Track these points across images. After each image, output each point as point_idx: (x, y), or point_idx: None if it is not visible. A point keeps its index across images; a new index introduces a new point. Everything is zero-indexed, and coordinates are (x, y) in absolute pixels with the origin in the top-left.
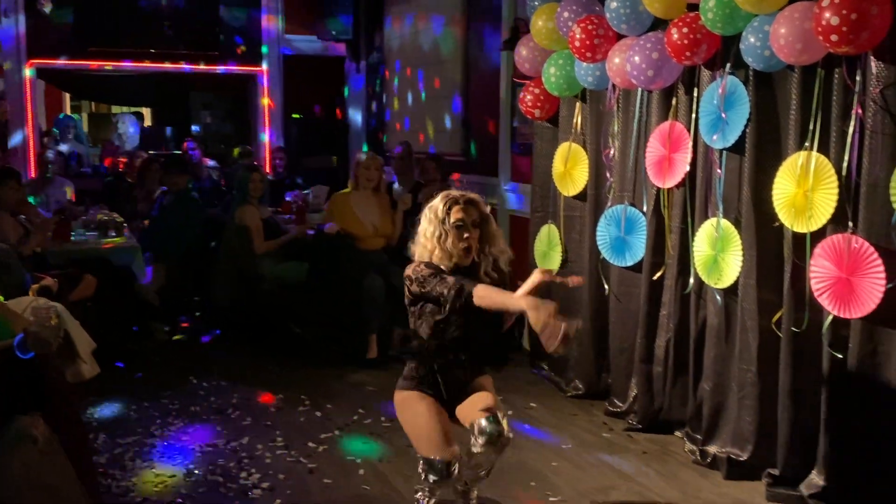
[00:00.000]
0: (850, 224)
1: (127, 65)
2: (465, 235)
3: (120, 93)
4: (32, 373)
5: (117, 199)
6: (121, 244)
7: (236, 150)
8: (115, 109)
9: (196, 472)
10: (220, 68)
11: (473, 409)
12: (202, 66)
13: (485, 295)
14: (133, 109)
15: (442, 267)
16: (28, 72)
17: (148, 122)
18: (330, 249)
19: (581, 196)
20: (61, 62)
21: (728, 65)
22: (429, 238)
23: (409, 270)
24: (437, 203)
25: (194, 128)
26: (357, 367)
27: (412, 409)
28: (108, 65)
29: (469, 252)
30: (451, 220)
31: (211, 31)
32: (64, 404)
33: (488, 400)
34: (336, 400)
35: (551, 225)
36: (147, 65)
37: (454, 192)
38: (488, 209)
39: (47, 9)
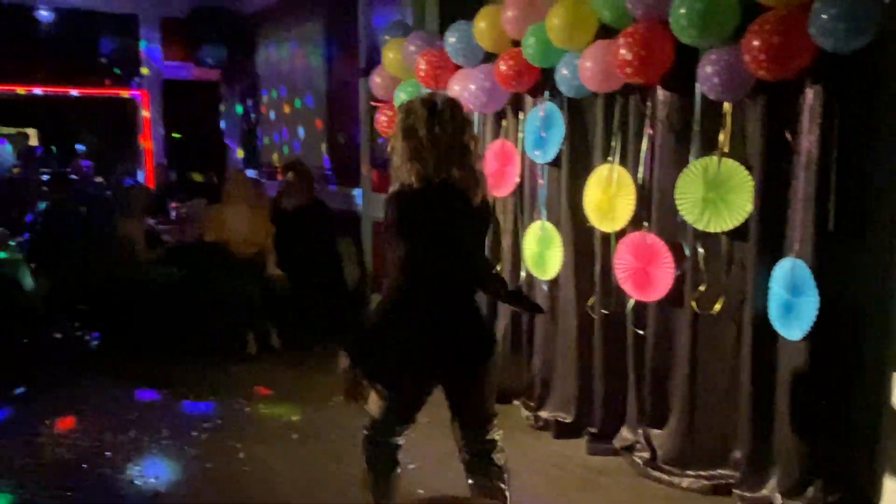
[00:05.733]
0: (646, 224)
1: (12, 89)
2: None
3: (4, 114)
4: None
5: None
6: (6, 257)
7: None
8: (2, 130)
9: (84, 465)
10: (102, 92)
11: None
12: (85, 90)
13: None
14: (19, 130)
15: None
16: None
17: (34, 142)
18: (207, 257)
19: None
20: None
21: (547, 92)
22: None
23: None
24: None
25: (79, 146)
26: (237, 362)
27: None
28: None
29: None
30: None
31: (92, 57)
32: None
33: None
34: (217, 391)
35: None
36: (32, 88)
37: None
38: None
39: None
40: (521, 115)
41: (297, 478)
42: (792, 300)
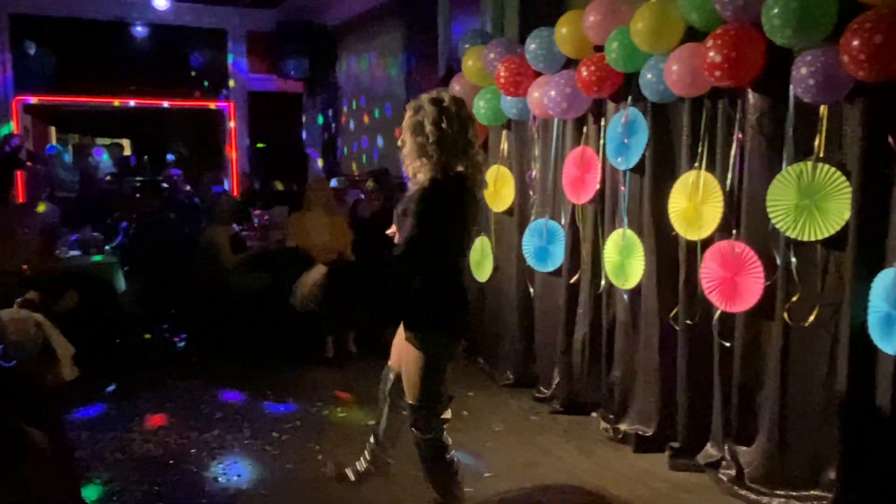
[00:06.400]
0: (734, 231)
1: (106, 101)
2: None
3: (101, 125)
4: (14, 378)
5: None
6: (101, 261)
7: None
8: (99, 140)
9: (170, 462)
10: (191, 104)
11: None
12: (175, 102)
13: None
14: (114, 141)
15: None
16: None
17: (127, 152)
18: (288, 263)
19: (508, 212)
20: (46, 99)
21: (630, 97)
22: None
23: None
24: None
25: (169, 156)
26: (316, 366)
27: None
28: (89, 101)
29: None
30: None
31: (182, 70)
32: (44, 405)
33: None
34: (297, 394)
35: (484, 237)
36: (125, 100)
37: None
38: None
39: (31, 50)
40: (602, 122)
41: (374, 480)
42: (894, 313)
